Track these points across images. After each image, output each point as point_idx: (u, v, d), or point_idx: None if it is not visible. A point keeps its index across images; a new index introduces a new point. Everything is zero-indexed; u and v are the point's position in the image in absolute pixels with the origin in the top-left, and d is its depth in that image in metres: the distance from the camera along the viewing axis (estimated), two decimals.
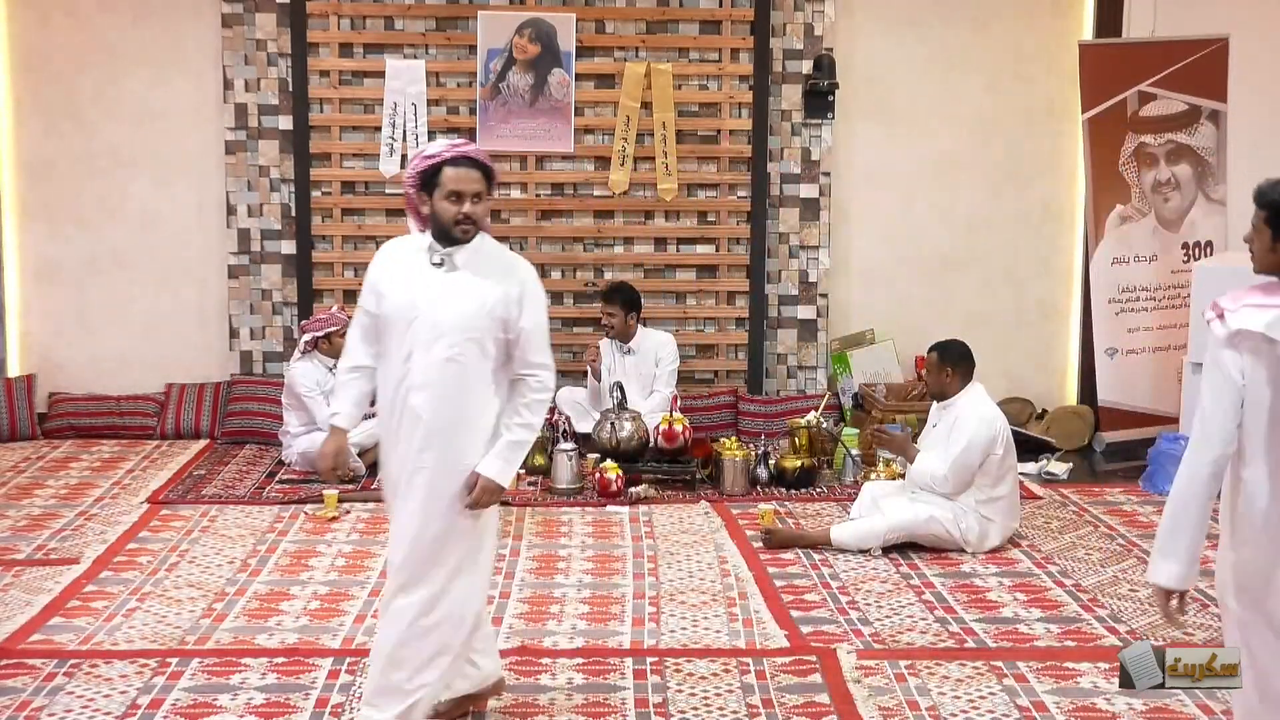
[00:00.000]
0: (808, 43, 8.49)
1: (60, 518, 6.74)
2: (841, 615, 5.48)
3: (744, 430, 8.27)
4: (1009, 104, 8.65)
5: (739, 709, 4.55)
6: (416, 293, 4.11)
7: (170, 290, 8.57)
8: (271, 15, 8.33)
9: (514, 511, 6.89)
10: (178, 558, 6.14)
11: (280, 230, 8.48)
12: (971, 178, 8.71)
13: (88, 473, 7.61)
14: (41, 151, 8.45)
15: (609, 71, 8.47)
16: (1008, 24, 8.66)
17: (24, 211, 8.49)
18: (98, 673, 4.79)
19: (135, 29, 8.40)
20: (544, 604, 5.59)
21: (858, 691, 4.68)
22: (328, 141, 8.45)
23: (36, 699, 4.57)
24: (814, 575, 5.99)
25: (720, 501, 7.11)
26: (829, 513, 6.90)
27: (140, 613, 5.44)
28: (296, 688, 4.69)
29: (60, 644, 5.08)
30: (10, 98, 8.39)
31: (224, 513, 6.86)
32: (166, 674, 4.79)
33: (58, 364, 8.56)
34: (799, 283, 8.68)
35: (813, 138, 8.56)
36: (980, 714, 4.53)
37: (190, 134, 8.46)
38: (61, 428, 8.35)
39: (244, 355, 8.56)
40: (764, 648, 5.11)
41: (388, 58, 8.40)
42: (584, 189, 8.58)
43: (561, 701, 4.60)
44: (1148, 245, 8.32)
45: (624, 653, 5.04)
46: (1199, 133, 8.29)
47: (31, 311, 8.56)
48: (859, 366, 8.64)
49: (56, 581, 5.77)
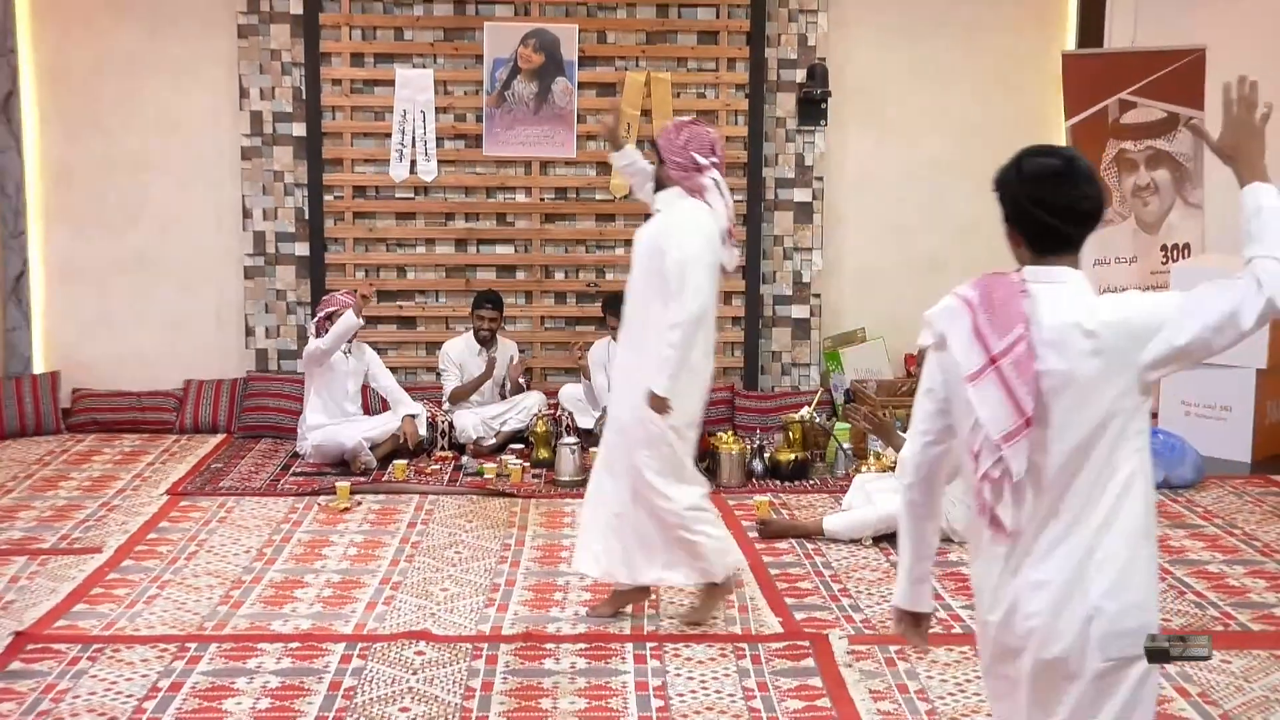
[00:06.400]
0: (801, 53, 8.49)
1: (84, 508, 6.75)
2: (834, 602, 5.49)
3: (740, 425, 8.26)
4: (995, 111, 8.65)
5: (735, 692, 4.55)
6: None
7: (189, 290, 8.57)
8: (286, 26, 8.33)
9: (519, 503, 6.89)
10: (196, 547, 6.15)
11: (294, 233, 8.48)
12: (959, 182, 8.70)
13: (110, 465, 7.61)
14: (64, 158, 8.45)
15: (610, 80, 8.47)
16: (994, 35, 8.66)
17: (48, 215, 8.49)
18: (120, 657, 4.80)
19: (154, 40, 8.40)
20: (548, 591, 5.60)
21: (849, 675, 4.69)
22: (340, 147, 8.44)
23: (62, 682, 4.58)
24: (807, 564, 5.99)
25: (717, 493, 7.10)
26: (822, 504, 6.90)
27: (160, 600, 5.45)
28: (310, 671, 4.70)
29: (84, 629, 5.09)
30: (35, 106, 8.39)
31: (240, 504, 6.86)
32: (186, 658, 4.80)
33: (81, 361, 8.56)
34: (793, 283, 8.68)
35: (806, 144, 8.56)
36: (967, 696, 4.53)
37: (208, 140, 8.46)
38: (85, 422, 8.35)
39: (259, 353, 8.56)
40: (759, 633, 5.11)
41: (397, 67, 8.39)
42: (586, 193, 8.58)
43: (565, 684, 4.61)
44: (1128, 247, 8.32)
45: (625, 638, 5.05)
46: (1177, 139, 8.29)
47: (56, 311, 8.56)
48: (851, 364, 8.64)
49: (80, 570, 5.78)
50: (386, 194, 8.48)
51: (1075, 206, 2.72)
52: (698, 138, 5.12)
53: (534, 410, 7.91)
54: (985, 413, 2.66)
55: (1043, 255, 2.73)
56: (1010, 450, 2.65)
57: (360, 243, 8.48)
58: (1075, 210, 2.72)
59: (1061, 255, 2.73)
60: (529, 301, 8.60)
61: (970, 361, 2.69)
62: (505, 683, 4.61)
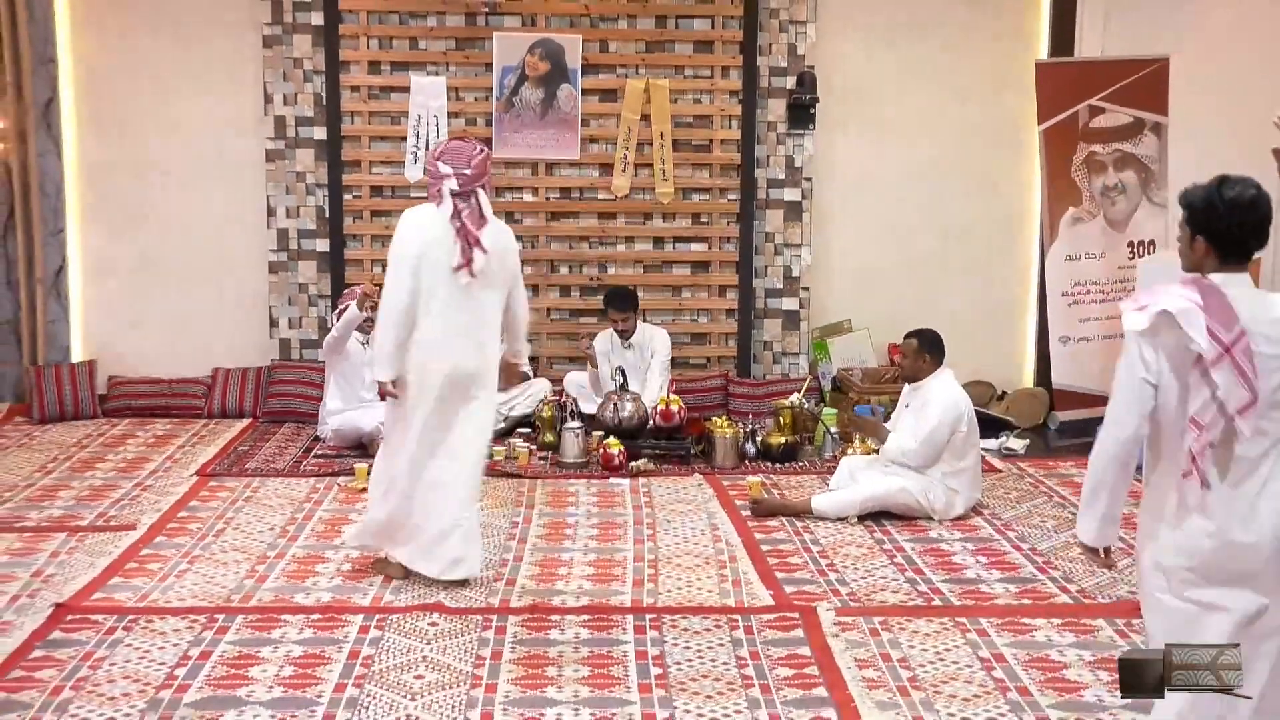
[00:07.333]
0: (791, 61, 8.48)
1: (119, 488, 6.76)
2: (821, 577, 5.49)
3: (733, 410, 8.27)
4: (974, 116, 8.65)
5: (729, 661, 4.57)
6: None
7: (216, 284, 8.58)
8: (307, 36, 8.32)
9: (525, 483, 6.90)
10: (224, 524, 6.16)
11: (315, 230, 8.48)
12: (941, 183, 8.71)
13: (143, 448, 7.62)
14: (101, 160, 8.44)
15: (612, 87, 8.46)
16: (973, 44, 8.65)
17: (85, 214, 8.49)
18: (153, 627, 4.81)
19: (184, 50, 8.39)
20: (553, 566, 5.61)
21: (836, 645, 4.69)
22: (358, 150, 8.44)
23: (99, 650, 4.60)
24: (797, 541, 6.00)
25: (712, 474, 7.13)
26: (810, 485, 6.91)
27: (190, 574, 5.46)
28: (331, 641, 4.71)
29: (119, 601, 5.10)
30: (74, 112, 8.39)
31: (265, 484, 6.87)
32: (214, 629, 4.80)
33: (116, 351, 8.57)
34: (783, 277, 8.68)
35: (796, 147, 8.56)
36: (946, 665, 4.55)
37: (234, 144, 8.45)
38: (120, 408, 8.37)
39: (282, 343, 8.57)
40: (751, 606, 5.12)
41: (412, 74, 8.39)
42: (589, 193, 8.58)
43: (569, 654, 4.61)
44: (1097, 244, 8.31)
45: (625, 610, 5.06)
46: (1143, 143, 8.29)
47: (93, 304, 8.57)
48: (837, 353, 8.65)
49: (116, 546, 5.79)
50: (402, 193, 8.47)
51: (1262, 228, 3.25)
52: (451, 151, 5.26)
53: (540, 396, 7.92)
54: (1224, 391, 3.14)
55: (1227, 264, 3.24)
56: (1242, 421, 3.15)
57: (377, 239, 8.47)
58: (1263, 231, 3.25)
59: (1242, 264, 3.26)
60: (535, 295, 8.59)
61: (1211, 350, 3.14)
62: (513, 652, 4.62)
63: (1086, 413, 8.25)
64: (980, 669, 4.51)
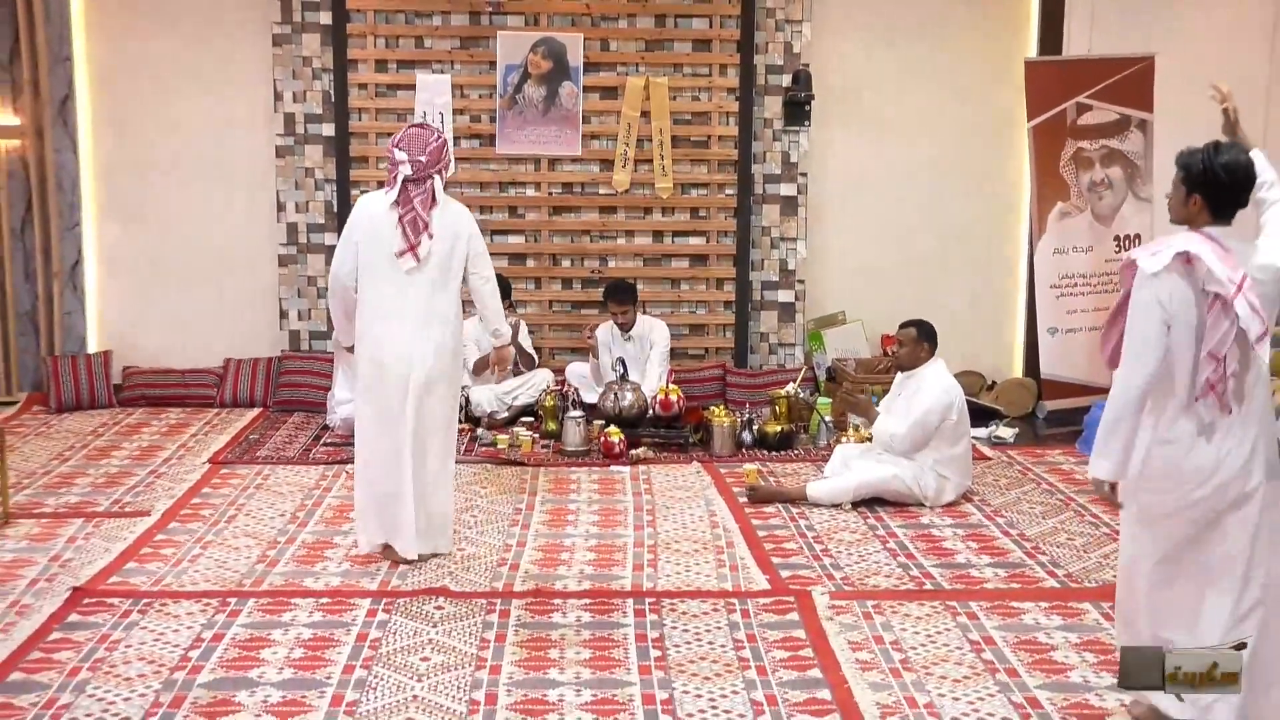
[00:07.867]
0: (787, 59, 8.44)
1: (134, 475, 6.74)
2: (816, 561, 5.48)
3: (731, 399, 8.25)
4: (965, 113, 8.61)
5: (726, 643, 4.55)
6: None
7: (227, 277, 8.55)
8: (316, 35, 8.28)
9: (529, 471, 6.88)
10: (235, 511, 6.14)
11: (323, 224, 8.45)
12: (933, 178, 8.67)
13: (157, 436, 7.60)
14: (115, 156, 8.41)
15: (612, 84, 8.42)
16: (965, 42, 8.61)
17: (101, 209, 8.46)
18: (167, 610, 4.80)
19: (196, 49, 8.35)
20: (556, 551, 5.59)
21: (830, 628, 4.68)
22: (365, 146, 8.40)
23: (115, 633, 4.58)
24: (792, 526, 5.98)
25: (710, 462, 7.10)
26: (805, 472, 6.89)
27: (203, 559, 5.44)
28: (339, 624, 4.69)
29: (135, 585, 5.08)
30: (89, 109, 8.35)
31: (275, 472, 6.85)
32: (227, 612, 4.79)
33: (131, 342, 8.55)
34: (779, 270, 8.65)
35: (791, 143, 8.52)
36: (937, 647, 4.53)
37: (244, 140, 8.42)
38: (134, 397, 8.34)
39: (292, 334, 8.54)
40: (748, 590, 5.10)
41: (418, 72, 8.35)
42: (590, 188, 8.54)
43: (571, 636, 4.60)
44: (1085, 237, 8.28)
45: (626, 594, 5.04)
46: (1129, 139, 8.25)
47: (108, 296, 8.54)
48: (832, 344, 8.62)
49: (131, 531, 5.77)
50: None
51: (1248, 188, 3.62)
52: (409, 138, 5.26)
53: (543, 386, 7.89)
54: (1245, 321, 3.46)
55: (1219, 218, 3.60)
56: (1260, 348, 3.50)
57: None
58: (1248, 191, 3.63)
59: (1229, 219, 3.61)
60: (538, 287, 8.57)
61: (1227, 288, 3.45)
62: (517, 635, 4.60)
63: (1073, 402, 8.24)
64: (970, 651, 4.50)
